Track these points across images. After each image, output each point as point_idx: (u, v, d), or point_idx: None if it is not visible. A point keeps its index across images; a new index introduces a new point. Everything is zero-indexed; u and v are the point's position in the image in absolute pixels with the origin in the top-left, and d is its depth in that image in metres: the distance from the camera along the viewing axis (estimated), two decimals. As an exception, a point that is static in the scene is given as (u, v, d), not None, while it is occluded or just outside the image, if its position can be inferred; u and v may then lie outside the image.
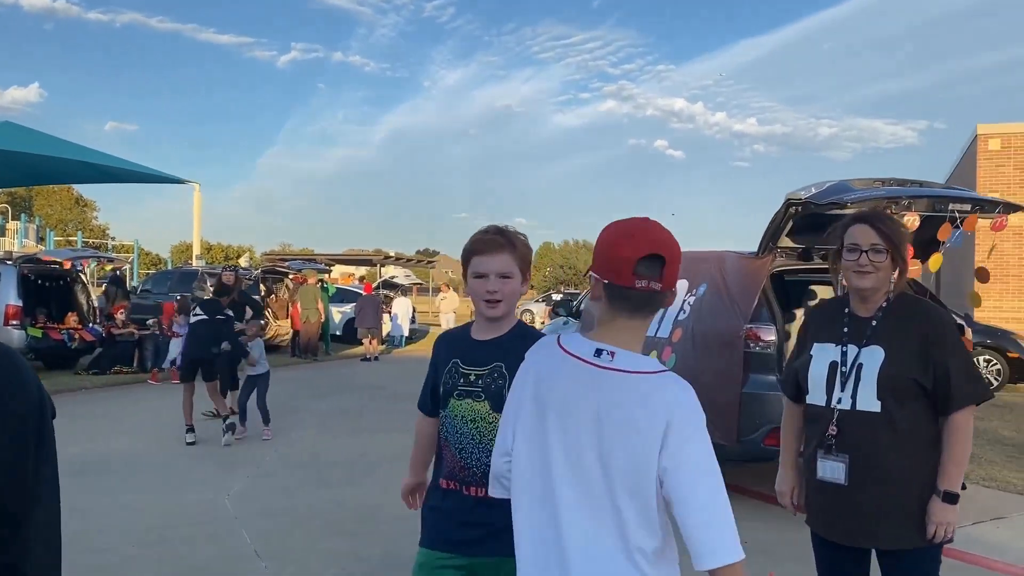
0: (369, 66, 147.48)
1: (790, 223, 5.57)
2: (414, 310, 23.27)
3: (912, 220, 5.16)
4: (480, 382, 2.24)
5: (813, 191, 5.31)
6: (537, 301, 39.86)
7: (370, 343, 17.63)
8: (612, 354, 1.63)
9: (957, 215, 5.24)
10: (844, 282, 2.56)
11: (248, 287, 13.49)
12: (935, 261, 5.33)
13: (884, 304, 2.51)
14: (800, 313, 7.02)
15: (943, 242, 5.73)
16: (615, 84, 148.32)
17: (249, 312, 9.60)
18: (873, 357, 2.45)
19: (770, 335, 5.61)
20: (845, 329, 2.55)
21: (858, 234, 2.48)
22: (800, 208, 5.36)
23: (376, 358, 17.44)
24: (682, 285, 6.52)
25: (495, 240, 2.25)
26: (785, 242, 5.92)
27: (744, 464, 6.32)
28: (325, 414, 10.18)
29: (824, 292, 7.18)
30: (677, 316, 6.36)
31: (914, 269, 5.37)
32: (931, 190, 5.35)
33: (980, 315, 14.06)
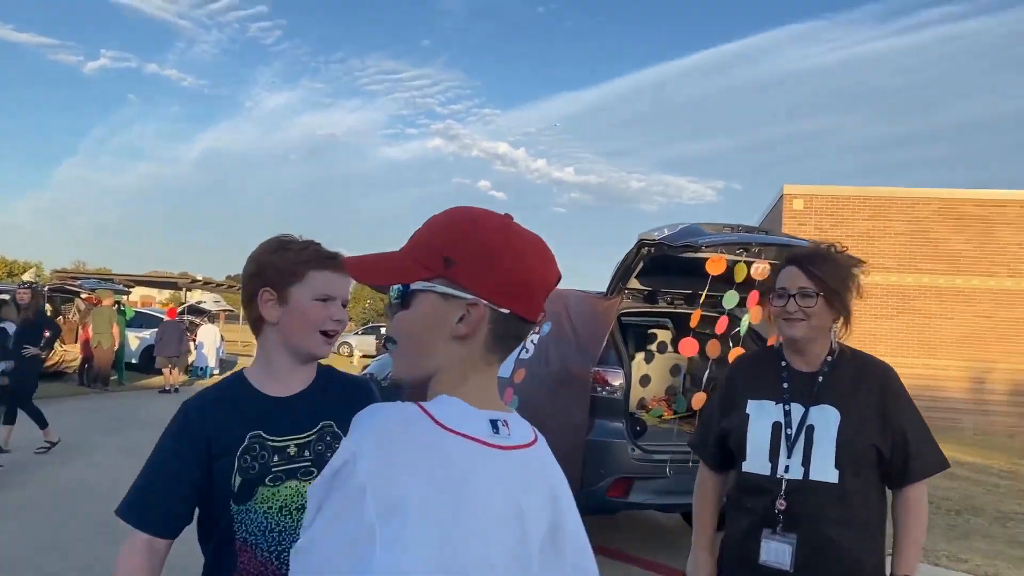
0: (187, 81, 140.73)
1: (641, 264, 5.37)
2: (222, 339, 21.72)
3: (763, 268, 5.09)
4: (308, 452, 1.63)
5: (666, 232, 5.14)
6: (357, 333, 38.72)
7: (170, 373, 16.16)
8: (506, 424, 1.08)
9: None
10: (778, 333, 2.22)
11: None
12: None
13: (829, 358, 2.17)
14: (640, 357, 6.90)
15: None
16: (442, 123, 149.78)
17: (47, 334, 8.45)
18: (826, 418, 2.09)
19: (618, 379, 5.35)
20: (785, 385, 2.17)
21: (786, 277, 2.14)
22: (653, 249, 5.17)
23: (176, 390, 15.95)
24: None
25: (339, 257, 1.70)
26: (633, 283, 5.72)
27: (585, 516, 6.02)
28: (112, 450, 8.99)
29: (663, 336, 7.09)
30: (519, 355, 6.00)
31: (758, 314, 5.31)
32: (779, 238, 5.33)
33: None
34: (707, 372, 5.57)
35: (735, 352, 5.16)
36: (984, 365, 17.34)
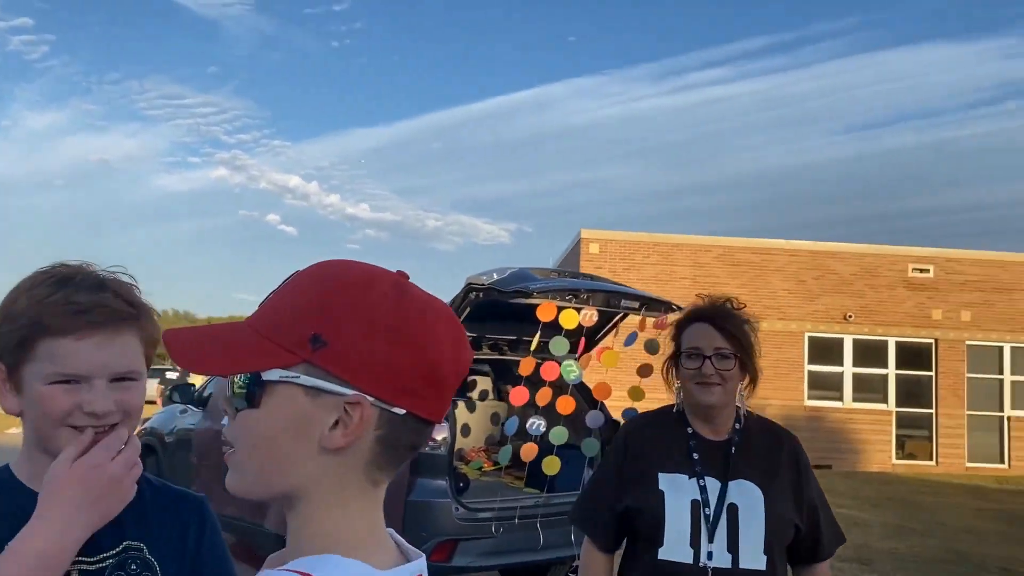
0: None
1: (467, 309, 5.07)
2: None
3: (591, 315, 4.96)
4: None
5: (495, 276, 4.89)
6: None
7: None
8: None
9: (626, 312, 5.15)
10: (681, 396, 1.96)
11: None
12: (610, 357, 5.16)
13: (737, 425, 1.94)
14: (461, 406, 6.57)
15: (596, 338, 5.68)
16: (228, 152, 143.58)
17: None
18: (749, 496, 1.84)
19: (441, 432, 4.98)
20: (695, 456, 1.90)
21: (699, 336, 1.89)
22: (482, 294, 4.89)
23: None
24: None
25: (112, 307, 1.16)
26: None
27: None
28: None
29: (483, 383, 6.82)
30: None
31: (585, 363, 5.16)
32: (605, 285, 5.23)
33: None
34: (528, 422, 5.34)
35: (564, 401, 4.97)
36: (761, 402, 18.59)
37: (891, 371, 19.09)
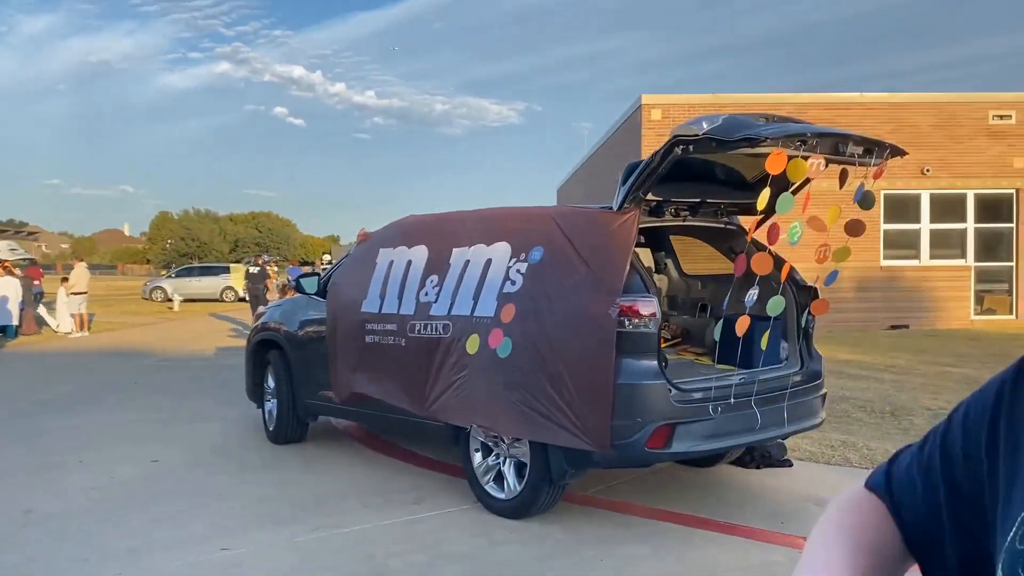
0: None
1: (667, 167, 4.43)
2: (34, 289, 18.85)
3: (819, 165, 4.30)
4: None
5: (706, 126, 4.22)
6: (171, 276, 35.45)
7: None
8: None
9: (857, 161, 4.48)
10: None
11: None
12: (834, 214, 4.51)
13: None
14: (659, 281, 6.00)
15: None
16: (229, 46, 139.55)
17: None
18: None
19: (650, 308, 4.44)
20: None
21: None
22: (692, 147, 4.24)
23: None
24: (501, 249, 5.11)
25: None
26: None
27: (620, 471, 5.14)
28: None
29: (644, 255, 6.24)
30: (502, 288, 4.94)
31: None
32: (830, 128, 4.53)
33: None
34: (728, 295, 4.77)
35: (761, 259, 4.37)
36: (835, 265, 17.98)
37: (970, 225, 18.32)
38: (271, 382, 7.13)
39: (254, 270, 19.92)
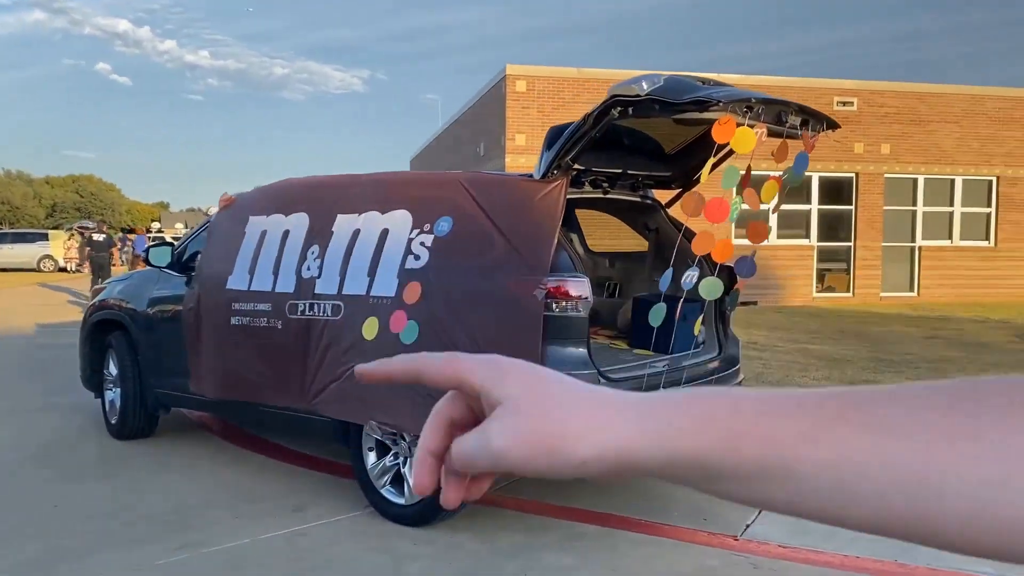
0: None
1: (602, 131, 3.94)
2: None
3: (762, 134, 3.94)
4: None
5: (646, 86, 3.75)
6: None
7: None
8: None
9: (796, 132, 4.15)
10: None
11: None
12: (770, 189, 4.19)
13: None
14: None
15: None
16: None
17: None
18: None
19: (580, 289, 3.94)
20: None
21: None
22: (631, 110, 3.76)
23: None
24: (400, 218, 4.48)
25: None
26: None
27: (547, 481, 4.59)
28: None
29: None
30: (403, 264, 4.31)
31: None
32: (769, 96, 4.16)
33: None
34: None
35: (723, 245, 4.02)
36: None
37: (814, 206, 19.14)
38: (113, 368, 6.15)
39: (99, 237, 17.73)
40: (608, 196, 4.85)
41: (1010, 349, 11.49)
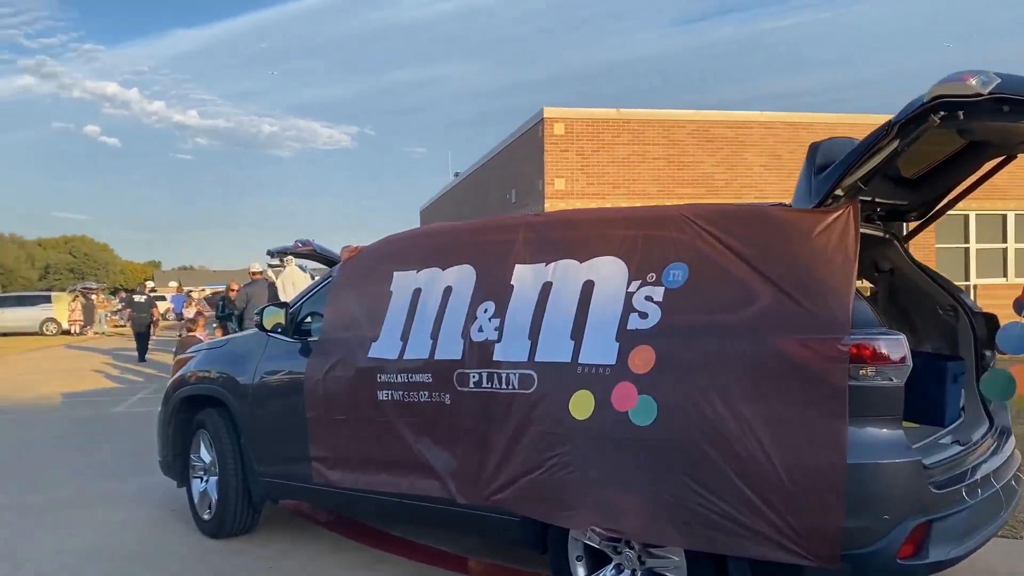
0: None
1: (911, 145, 3.06)
2: None
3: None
4: None
5: (974, 84, 2.89)
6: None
7: None
8: None
9: None
10: None
11: None
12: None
13: None
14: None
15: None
16: (32, 58, 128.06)
17: None
18: None
19: (898, 349, 3.03)
20: None
21: None
22: (962, 114, 2.88)
23: None
24: (608, 266, 3.58)
25: None
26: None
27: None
28: None
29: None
30: (625, 323, 3.40)
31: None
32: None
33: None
34: None
35: None
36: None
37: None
38: (206, 453, 5.18)
39: (140, 298, 16.55)
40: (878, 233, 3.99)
41: None
